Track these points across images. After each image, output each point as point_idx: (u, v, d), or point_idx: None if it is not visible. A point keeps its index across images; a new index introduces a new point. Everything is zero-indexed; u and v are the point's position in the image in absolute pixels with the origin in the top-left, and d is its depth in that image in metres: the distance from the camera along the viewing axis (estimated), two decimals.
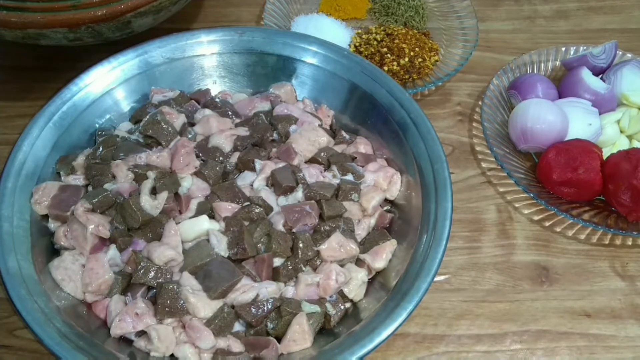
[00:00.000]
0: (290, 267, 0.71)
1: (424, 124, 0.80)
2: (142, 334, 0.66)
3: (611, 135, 0.92)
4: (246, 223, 0.72)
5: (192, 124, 0.84)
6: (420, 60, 1.00)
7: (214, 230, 0.72)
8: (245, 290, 0.68)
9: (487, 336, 0.77)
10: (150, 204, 0.72)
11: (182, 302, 0.66)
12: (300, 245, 0.71)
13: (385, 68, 0.99)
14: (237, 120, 0.85)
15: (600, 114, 0.92)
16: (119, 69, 0.85)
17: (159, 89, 0.88)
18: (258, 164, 0.78)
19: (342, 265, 0.72)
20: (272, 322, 0.68)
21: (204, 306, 0.66)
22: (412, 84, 1.01)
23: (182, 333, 0.66)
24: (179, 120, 0.83)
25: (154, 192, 0.74)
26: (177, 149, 0.78)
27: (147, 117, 0.82)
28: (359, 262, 0.74)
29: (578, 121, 0.90)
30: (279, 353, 0.66)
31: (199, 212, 0.74)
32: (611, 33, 1.15)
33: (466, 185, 0.92)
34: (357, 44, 1.04)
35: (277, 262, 0.71)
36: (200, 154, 0.80)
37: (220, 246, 0.70)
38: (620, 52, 1.00)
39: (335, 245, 0.72)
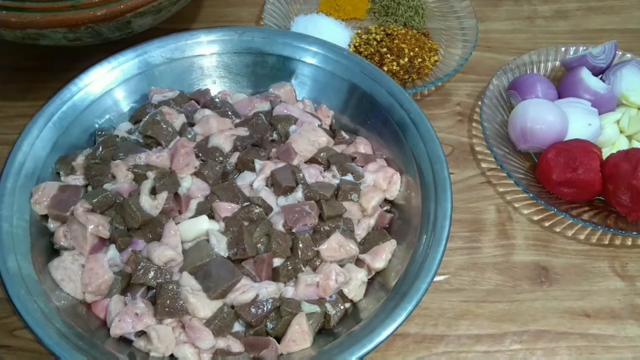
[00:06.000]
0: (290, 267, 0.71)
1: (424, 124, 0.80)
2: (141, 334, 0.66)
3: (611, 136, 0.92)
4: (246, 223, 0.72)
5: (191, 124, 0.84)
6: (419, 60, 1.00)
7: (213, 230, 0.72)
8: (245, 291, 0.68)
9: (486, 336, 0.78)
10: (150, 204, 0.72)
11: (181, 302, 0.66)
12: (300, 245, 0.71)
13: (385, 68, 0.99)
14: (237, 121, 0.85)
15: (599, 114, 0.92)
16: (119, 69, 0.85)
17: (158, 89, 0.88)
18: (258, 164, 0.78)
19: (341, 266, 0.72)
20: (272, 322, 0.68)
21: (203, 306, 0.66)
22: (412, 84, 1.01)
23: (181, 333, 0.66)
24: (178, 120, 0.83)
25: (153, 192, 0.74)
26: (177, 149, 0.78)
27: (147, 117, 0.82)
28: (358, 262, 0.75)
29: (578, 121, 0.90)
30: (279, 353, 0.66)
31: (198, 212, 0.74)
32: (611, 33, 1.15)
33: (466, 186, 0.92)
34: (357, 44, 1.04)
35: (277, 262, 0.71)
36: (200, 154, 0.80)
37: (220, 246, 0.70)
38: (620, 53, 1.00)
39: (335, 246, 0.72)
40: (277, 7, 1.10)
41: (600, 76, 0.97)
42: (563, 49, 1.03)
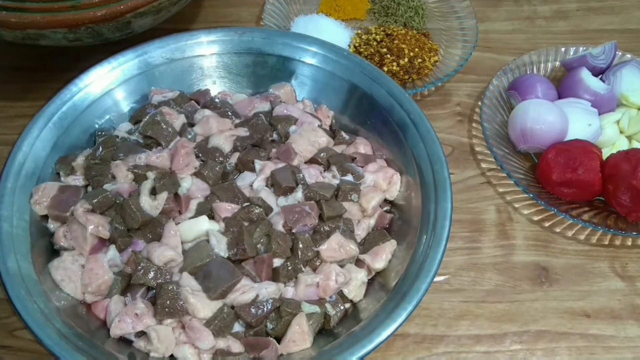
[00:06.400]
0: (290, 268, 0.71)
1: (424, 124, 0.80)
2: (141, 334, 0.66)
3: (611, 136, 0.92)
4: (246, 223, 0.72)
5: (191, 125, 0.84)
6: (419, 60, 1.00)
7: (213, 230, 0.72)
8: (245, 291, 0.68)
9: (486, 336, 0.78)
10: (150, 205, 0.72)
11: (181, 302, 0.66)
12: (300, 245, 0.71)
13: (385, 68, 0.99)
14: (237, 121, 0.85)
15: (599, 115, 0.92)
16: (119, 70, 0.85)
17: (158, 90, 0.88)
18: (258, 164, 0.78)
19: (341, 266, 0.72)
20: (272, 322, 0.68)
21: (203, 307, 0.66)
22: (412, 84, 1.01)
23: (181, 333, 0.66)
24: (178, 120, 0.83)
25: (153, 192, 0.74)
26: (177, 149, 0.78)
27: (147, 117, 0.82)
28: (358, 263, 0.74)
29: (578, 122, 0.90)
30: (279, 353, 0.66)
31: (198, 213, 0.74)
32: (611, 33, 1.15)
33: (466, 186, 0.92)
34: (357, 45, 1.04)
35: (277, 262, 0.71)
36: (200, 155, 0.80)
37: (220, 247, 0.70)
38: (620, 53, 1.00)
39: (334, 246, 0.72)
40: (277, 8, 1.10)
41: (600, 76, 0.97)
42: (563, 49, 1.03)
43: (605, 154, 0.89)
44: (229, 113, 0.85)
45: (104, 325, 0.68)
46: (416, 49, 1.01)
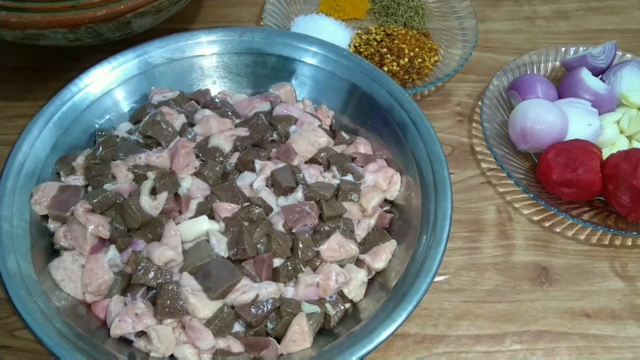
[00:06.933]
0: (290, 268, 0.71)
1: (424, 124, 0.80)
2: (141, 334, 0.66)
3: (611, 136, 0.92)
4: (246, 223, 0.72)
5: (191, 125, 0.84)
6: (420, 60, 1.00)
7: (213, 230, 0.72)
8: (245, 291, 0.68)
9: (486, 336, 0.78)
10: (150, 205, 0.73)
11: (181, 302, 0.66)
12: (300, 245, 0.71)
13: (385, 68, 0.99)
14: (237, 121, 0.85)
15: (600, 115, 0.92)
16: (119, 70, 0.85)
17: (158, 90, 0.88)
18: (258, 164, 0.78)
19: (341, 266, 0.72)
20: (272, 322, 0.68)
21: (203, 306, 0.66)
22: (412, 84, 1.01)
23: (181, 333, 0.66)
24: (178, 120, 0.83)
25: (153, 192, 0.74)
26: (177, 149, 0.78)
27: (147, 117, 0.82)
28: (358, 263, 0.75)
29: (578, 121, 0.90)
30: (279, 353, 0.66)
31: (198, 213, 0.74)
32: (611, 33, 1.15)
33: (466, 186, 0.92)
34: (357, 45, 1.04)
35: (277, 262, 0.71)
36: (200, 155, 0.80)
37: (220, 246, 0.70)
38: (620, 53, 1.00)
39: (335, 246, 0.72)
40: (277, 7, 1.10)
41: (600, 76, 0.97)
42: (563, 49, 1.03)
43: (605, 154, 0.89)
44: (229, 113, 0.85)
45: (104, 325, 0.68)
46: (416, 49, 1.01)
